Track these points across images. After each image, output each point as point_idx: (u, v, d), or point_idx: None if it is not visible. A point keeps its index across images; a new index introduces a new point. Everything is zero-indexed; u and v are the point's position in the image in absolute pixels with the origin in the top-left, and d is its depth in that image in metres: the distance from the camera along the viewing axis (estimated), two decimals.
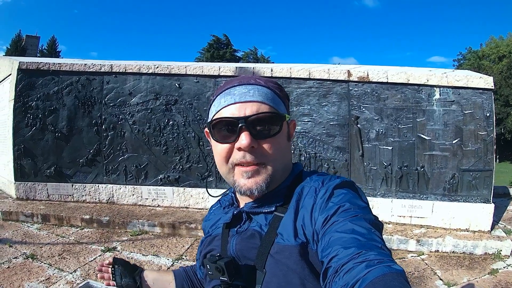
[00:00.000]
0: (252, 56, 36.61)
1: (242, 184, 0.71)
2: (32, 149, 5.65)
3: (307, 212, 0.67)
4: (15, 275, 3.39)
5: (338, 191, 0.67)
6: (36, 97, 5.58)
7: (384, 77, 4.67)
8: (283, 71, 4.91)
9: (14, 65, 5.74)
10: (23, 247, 4.16)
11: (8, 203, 5.73)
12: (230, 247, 0.74)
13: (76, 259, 3.81)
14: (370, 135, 4.70)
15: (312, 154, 4.85)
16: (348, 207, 0.63)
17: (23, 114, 5.63)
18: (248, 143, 0.67)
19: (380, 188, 4.67)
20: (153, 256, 3.90)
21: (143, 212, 5.12)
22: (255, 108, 0.69)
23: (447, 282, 3.16)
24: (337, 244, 0.56)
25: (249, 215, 0.75)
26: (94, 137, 5.45)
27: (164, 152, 5.29)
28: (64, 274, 3.44)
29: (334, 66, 5.46)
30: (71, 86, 5.48)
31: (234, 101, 0.70)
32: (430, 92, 4.53)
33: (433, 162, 4.49)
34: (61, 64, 5.55)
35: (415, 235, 4.13)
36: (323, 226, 0.62)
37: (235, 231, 0.76)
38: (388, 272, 0.47)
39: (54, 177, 5.62)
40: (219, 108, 0.72)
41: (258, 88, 0.72)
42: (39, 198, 5.73)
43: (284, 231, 0.67)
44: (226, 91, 0.73)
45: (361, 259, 0.51)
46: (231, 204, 0.83)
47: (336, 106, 4.80)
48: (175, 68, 5.21)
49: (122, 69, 5.35)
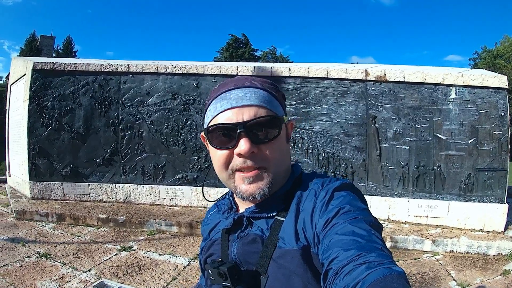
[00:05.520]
0: (271, 56, 36.18)
1: (244, 190, 0.70)
2: (48, 148, 5.67)
3: (307, 215, 0.67)
4: (28, 274, 3.38)
5: (338, 194, 0.68)
6: (51, 97, 5.60)
7: (401, 76, 4.71)
8: (301, 71, 4.96)
9: (28, 65, 5.75)
10: (37, 246, 4.17)
11: (22, 203, 5.75)
12: (232, 252, 0.73)
13: (91, 258, 3.82)
14: (388, 134, 4.74)
15: (330, 153, 4.90)
16: (348, 209, 0.63)
17: (38, 114, 5.65)
18: (248, 148, 0.66)
19: (397, 188, 4.71)
20: (169, 255, 3.93)
21: (160, 212, 5.16)
22: (253, 112, 0.68)
23: (461, 283, 3.18)
24: (337, 246, 0.56)
25: (250, 220, 0.74)
26: (111, 137, 5.49)
27: (182, 151, 5.34)
28: (78, 273, 3.44)
29: (351, 66, 5.51)
30: (88, 86, 5.51)
31: (231, 106, 0.68)
32: (446, 92, 4.57)
33: (449, 161, 4.52)
34: (77, 64, 5.57)
35: (430, 235, 4.15)
36: (324, 229, 0.62)
37: (236, 236, 0.75)
38: (388, 273, 0.47)
39: (70, 177, 5.65)
40: (215, 113, 0.70)
41: (254, 91, 0.70)
42: (54, 198, 5.76)
43: (286, 235, 0.67)
44: (221, 95, 0.71)
45: (361, 261, 0.51)
46: (230, 208, 0.82)
47: (354, 105, 4.86)
48: (193, 68, 5.25)
49: (139, 69, 5.38)
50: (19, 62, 6.37)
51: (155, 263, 3.70)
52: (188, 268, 3.62)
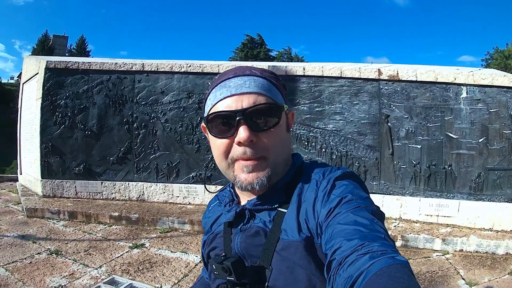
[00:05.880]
0: (286, 56, 35.52)
1: (243, 179, 0.69)
2: (61, 147, 5.70)
3: (309, 206, 0.67)
4: (37, 270, 3.38)
5: (340, 183, 0.67)
6: (65, 96, 5.63)
7: (413, 75, 4.75)
8: (315, 70, 5.02)
9: (41, 64, 5.78)
10: (48, 243, 4.17)
11: (34, 200, 5.77)
12: (235, 245, 0.73)
13: (102, 255, 3.83)
14: (400, 133, 4.79)
15: (344, 152, 4.96)
16: (350, 198, 0.62)
17: (51, 112, 5.68)
18: (247, 136, 0.65)
19: (408, 187, 4.74)
20: (181, 252, 3.94)
21: (173, 210, 5.19)
22: (252, 100, 0.67)
23: (469, 282, 3.20)
24: (340, 236, 0.55)
25: (252, 212, 0.73)
26: (125, 135, 5.52)
27: (196, 150, 5.38)
28: (88, 270, 3.45)
29: (365, 65, 5.57)
30: (102, 85, 5.54)
31: (230, 94, 0.68)
32: (457, 91, 4.60)
33: (460, 161, 4.55)
34: (90, 63, 5.60)
35: (441, 234, 4.18)
36: (326, 219, 0.62)
37: (239, 229, 0.74)
38: (392, 263, 0.47)
39: (83, 175, 5.68)
40: (214, 101, 0.70)
41: (254, 79, 0.70)
42: (66, 196, 5.78)
43: (288, 227, 0.67)
44: (221, 84, 0.71)
45: (365, 251, 0.51)
46: (232, 201, 0.81)
47: (367, 104, 4.91)
48: (207, 67, 5.30)
49: (154, 68, 5.42)
50: (31, 61, 6.40)
51: (167, 260, 3.72)
52: (200, 265, 3.63)
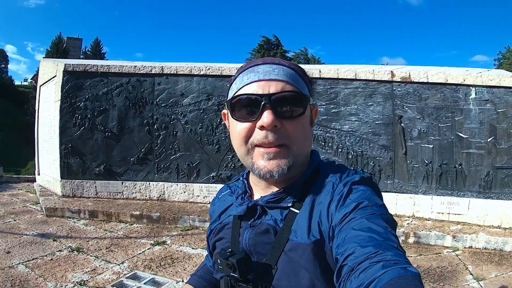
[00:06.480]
0: (303, 57, 35.80)
1: (262, 166, 0.67)
2: (80, 148, 5.83)
3: (323, 208, 0.66)
4: (58, 267, 3.43)
5: (357, 188, 0.66)
6: (84, 98, 5.74)
7: (425, 77, 4.91)
8: (331, 72, 5.18)
9: (59, 67, 5.87)
10: (68, 241, 4.24)
11: (53, 200, 5.88)
12: (243, 240, 0.71)
13: (124, 251, 3.90)
14: (413, 133, 4.96)
15: (359, 152, 5.14)
16: (366, 205, 0.62)
17: (70, 114, 5.79)
18: (271, 120, 0.64)
19: (421, 186, 4.92)
20: (202, 249, 4.03)
21: (194, 209, 5.32)
22: (280, 86, 0.66)
23: (477, 277, 3.30)
24: (354, 242, 0.55)
25: (264, 209, 0.72)
26: (146, 137, 5.66)
27: (216, 150, 5.54)
28: (111, 266, 3.51)
29: (378, 67, 5.74)
30: (121, 87, 5.66)
31: (258, 79, 0.67)
32: (466, 92, 4.76)
33: (470, 160, 4.72)
34: (110, 66, 5.71)
35: (451, 231, 4.32)
36: (340, 223, 0.61)
37: (249, 224, 0.72)
38: (404, 274, 0.47)
39: (103, 175, 5.81)
40: (241, 85, 0.68)
41: (283, 68, 0.69)
42: (86, 196, 5.92)
43: (298, 228, 0.66)
44: (249, 69, 0.70)
45: (378, 259, 0.50)
46: (244, 193, 0.78)
47: (381, 105, 5.09)
48: (226, 70, 5.44)
49: (173, 70, 5.56)
50: (48, 63, 6.48)
51: (188, 256, 3.80)
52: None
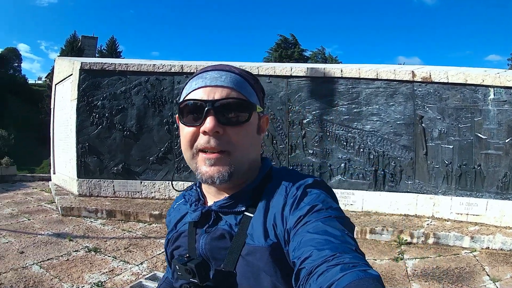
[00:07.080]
0: (320, 56, 35.11)
1: (204, 171, 0.68)
2: (98, 147, 5.79)
3: (277, 211, 0.66)
4: (75, 267, 3.39)
5: (310, 191, 0.66)
6: (101, 97, 5.70)
7: (445, 77, 4.91)
8: (352, 72, 5.18)
9: (75, 65, 5.81)
10: (85, 241, 4.21)
11: (69, 199, 5.86)
12: (199, 246, 0.71)
13: (143, 252, 3.88)
14: (433, 134, 4.96)
15: (381, 152, 5.15)
16: (321, 208, 0.62)
17: (87, 113, 5.74)
18: (213, 126, 0.65)
19: (441, 186, 4.92)
20: None
21: None
22: (225, 93, 0.67)
23: (493, 278, 3.34)
24: (310, 245, 0.54)
25: (218, 214, 0.72)
26: (165, 136, 5.64)
27: None
28: (129, 266, 3.48)
29: (399, 67, 5.73)
30: (140, 86, 5.62)
31: (204, 85, 0.68)
32: (485, 92, 4.76)
33: (488, 160, 4.72)
34: (128, 64, 5.66)
35: (469, 232, 4.33)
36: (295, 226, 0.61)
37: (204, 230, 0.72)
38: (363, 276, 0.47)
39: (122, 174, 5.79)
40: (189, 91, 0.70)
41: (230, 75, 0.70)
42: (104, 195, 5.89)
43: (254, 232, 0.66)
44: (199, 75, 0.71)
45: (336, 262, 0.50)
46: (198, 200, 0.78)
47: (402, 106, 5.09)
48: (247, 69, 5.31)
49: (193, 69, 5.52)
50: (64, 62, 6.41)
51: None
52: None
